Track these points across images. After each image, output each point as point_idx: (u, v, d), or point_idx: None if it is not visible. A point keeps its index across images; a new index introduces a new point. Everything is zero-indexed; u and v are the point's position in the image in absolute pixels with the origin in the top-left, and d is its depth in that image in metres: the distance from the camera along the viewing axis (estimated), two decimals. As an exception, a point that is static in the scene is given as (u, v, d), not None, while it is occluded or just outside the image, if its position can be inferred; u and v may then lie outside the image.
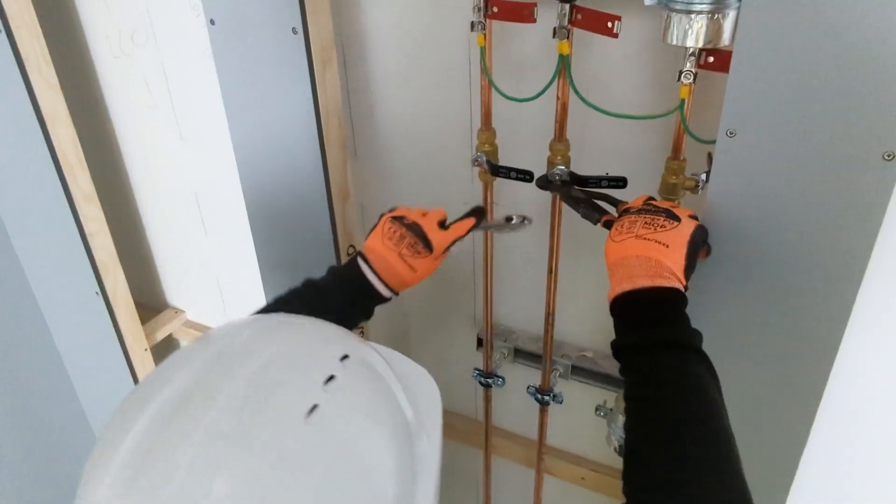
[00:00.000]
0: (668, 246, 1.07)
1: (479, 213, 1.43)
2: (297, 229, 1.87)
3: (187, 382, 0.75)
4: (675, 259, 1.07)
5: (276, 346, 0.81)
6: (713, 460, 0.90)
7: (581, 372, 1.89)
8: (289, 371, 0.78)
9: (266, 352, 0.79)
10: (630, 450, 0.96)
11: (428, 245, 1.34)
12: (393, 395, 0.85)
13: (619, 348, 1.07)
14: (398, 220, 1.36)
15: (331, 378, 0.78)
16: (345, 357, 0.82)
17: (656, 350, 1.01)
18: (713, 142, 1.19)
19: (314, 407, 0.74)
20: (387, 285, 1.33)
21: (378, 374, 0.86)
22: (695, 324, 1.05)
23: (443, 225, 1.39)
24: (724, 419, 0.95)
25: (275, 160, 1.78)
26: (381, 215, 1.40)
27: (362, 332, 2.03)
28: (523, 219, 1.46)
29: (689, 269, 1.08)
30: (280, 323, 0.89)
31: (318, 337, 0.87)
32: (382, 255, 1.33)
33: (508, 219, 1.47)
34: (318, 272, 1.33)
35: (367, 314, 1.36)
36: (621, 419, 1.60)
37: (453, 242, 1.38)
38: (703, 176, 1.26)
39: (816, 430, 1.35)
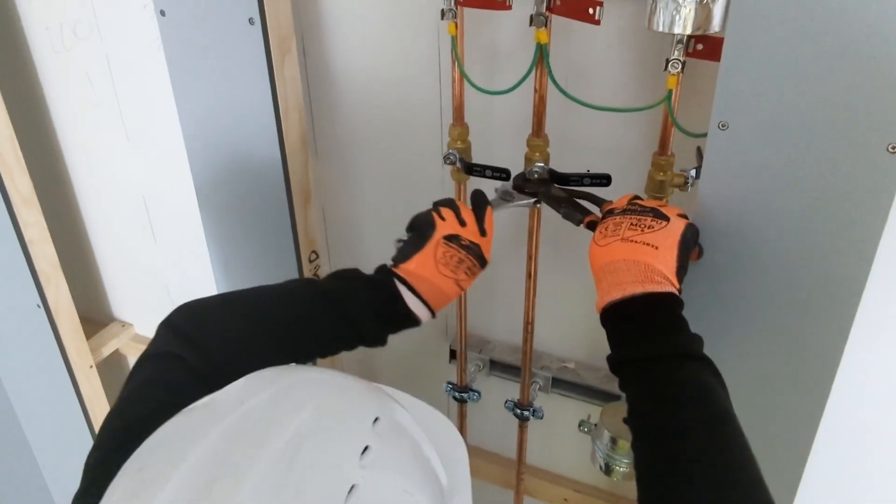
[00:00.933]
0: (657, 248, 1.07)
1: (485, 200, 1.35)
2: (255, 235, 1.85)
3: (205, 461, 0.69)
4: (665, 261, 1.06)
5: (303, 413, 0.74)
6: (740, 482, 0.89)
7: (563, 385, 1.88)
8: (322, 446, 0.72)
9: (293, 422, 0.73)
10: (645, 473, 0.95)
11: (484, 263, 1.28)
12: (427, 459, 0.81)
13: (616, 363, 1.06)
14: (453, 240, 1.24)
15: (366, 449, 0.73)
16: (376, 420, 0.77)
17: (660, 363, 1.00)
18: (703, 135, 1.18)
19: (352, 488, 0.69)
20: (430, 309, 1.23)
21: (410, 436, 0.81)
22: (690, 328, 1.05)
23: (482, 229, 1.30)
24: (739, 428, 0.95)
25: (230, 160, 1.76)
26: (425, 232, 1.25)
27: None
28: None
29: (682, 270, 1.08)
30: (301, 382, 0.82)
31: (347, 399, 0.81)
32: (436, 284, 1.22)
33: (505, 196, 1.44)
34: (278, 278, 1.29)
35: (385, 342, 1.24)
36: (607, 435, 1.60)
37: None
38: (693, 172, 1.25)
39: (820, 440, 1.34)
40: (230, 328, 1.13)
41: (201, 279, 2.15)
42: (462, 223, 1.27)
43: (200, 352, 1.06)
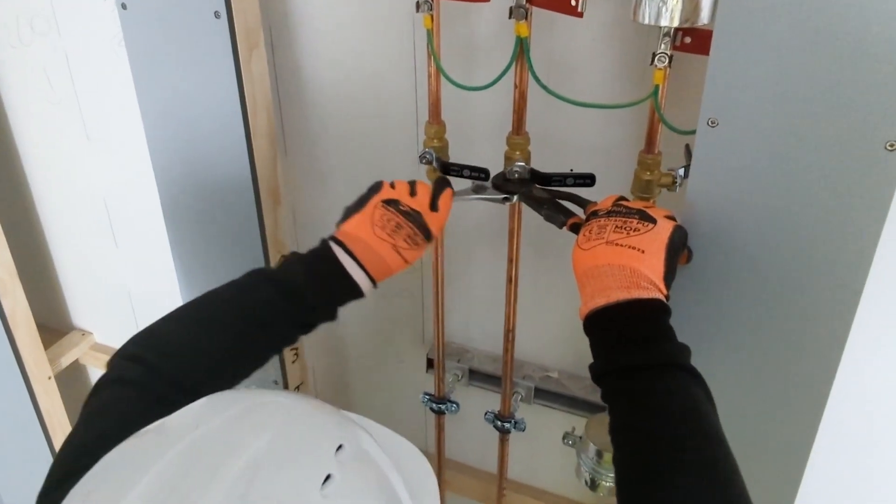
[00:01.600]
0: (643, 251, 1.06)
1: (447, 184, 1.36)
2: (221, 238, 1.84)
3: (155, 489, 0.67)
4: (652, 266, 1.05)
5: (260, 439, 0.72)
6: (727, 501, 0.89)
7: (545, 395, 1.88)
8: (280, 475, 0.71)
9: (249, 448, 0.71)
10: (626, 490, 0.95)
11: (428, 235, 1.29)
12: (393, 489, 0.80)
13: (599, 373, 1.05)
14: (392, 204, 1.28)
15: (327, 478, 0.71)
16: (339, 448, 0.75)
17: (644, 373, 0.99)
18: (692, 132, 1.18)
19: None
20: (370, 278, 1.24)
21: (376, 465, 0.79)
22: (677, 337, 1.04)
23: (433, 204, 1.32)
24: (726, 444, 0.94)
25: (196, 160, 1.75)
26: (368, 196, 1.30)
27: (297, 354, 2.01)
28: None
29: (670, 275, 1.07)
30: (260, 405, 0.80)
31: (309, 424, 0.79)
32: (372, 246, 1.23)
33: (478, 189, 1.44)
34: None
35: (335, 315, 1.25)
36: (592, 448, 1.59)
37: None
38: (681, 171, 1.25)
39: (817, 454, 1.34)
40: (175, 338, 1.13)
41: (165, 285, 2.13)
42: (413, 194, 1.31)
43: (149, 369, 1.06)
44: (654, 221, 1.09)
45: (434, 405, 1.96)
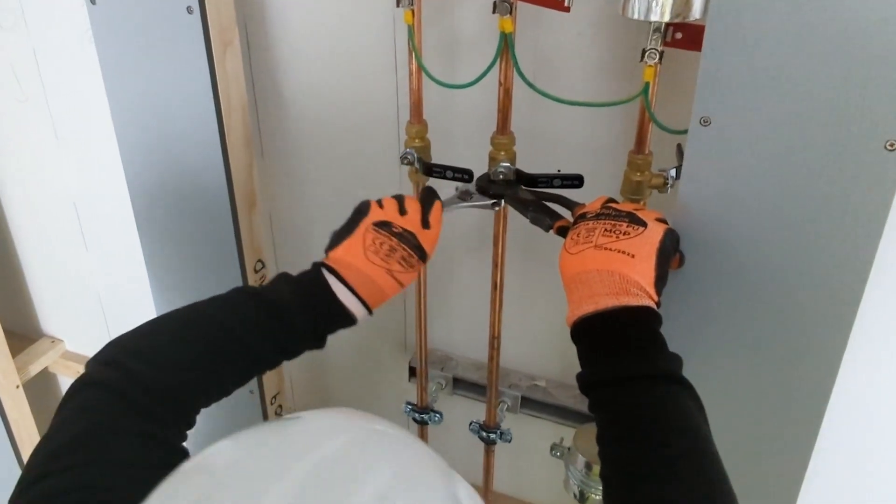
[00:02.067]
0: (633, 256, 1.05)
1: (435, 197, 1.34)
2: (195, 243, 1.83)
3: None
4: (642, 271, 1.04)
5: (384, 469, 0.70)
6: None
7: (532, 404, 1.88)
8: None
9: (375, 477, 0.68)
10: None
11: (423, 255, 1.26)
12: None
13: (587, 383, 1.04)
14: (384, 227, 1.24)
15: None
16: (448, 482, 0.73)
17: (634, 385, 0.98)
18: (684, 132, 1.16)
19: None
20: (366, 306, 1.21)
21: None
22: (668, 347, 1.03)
23: (424, 221, 1.29)
24: (718, 459, 0.93)
25: (168, 162, 1.74)
26: (356, 218, 1.26)
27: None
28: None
29: (661, 281, 1.06)
30: (377, 434, 0.78)
31: (422, 455, 0.77)
32: (365, 272, 1.20)
33: (464, 196, 1.43)
34: (220, 291, 1.26)
35: (323, 343, 1.22)
36: (581, 460, 1.58)
37: None
38: (673, 172, 1.24)
39: (815, 469, 1.33)
40: (153, 346, 1.10)
41: (137, 291, 2.12)
42: (403, 212, 1.27)
43: (125, 375, 1.03)
44: (644, 225, 1.08)
45: (416, 415, 1.96)
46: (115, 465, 0.91)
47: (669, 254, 1.09)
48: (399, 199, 1.30)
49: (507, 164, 1.42)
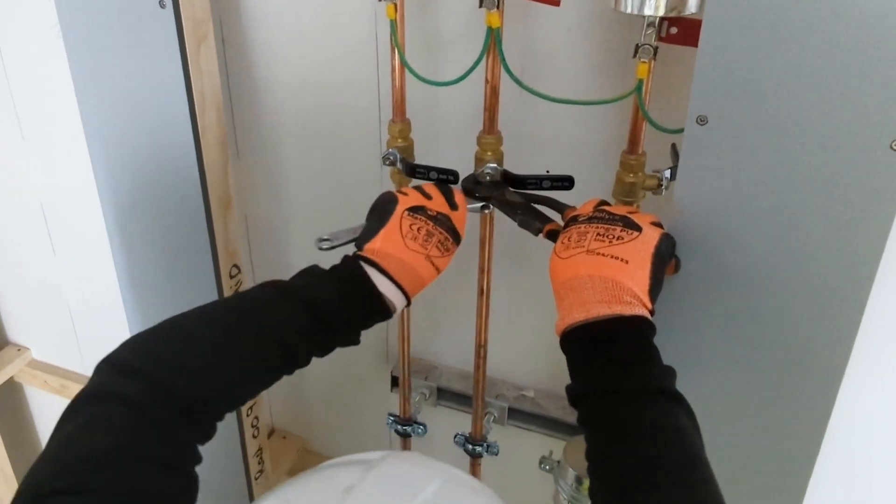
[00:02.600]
0: (627, 262, 1.04)
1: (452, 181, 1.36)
2: (167, 247, 1.82)
3: None
4: (637, 278, 1.03)
5: None
6: None
7: (520, 416, 1.88)
8: None
9: None
10: None
11: (458, 238, 1.27)
12: None
13: (576, 396, 1.03)
14: (419, 211, 1.25)
15: None
16: None
17: (625, 399, 0.97)
18: (680, 131, 1.16)
19: None
20: (406, 297, 1.21)
21: None
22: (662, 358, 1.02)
23: (452, 203, 1.31)
24: (713, 480, 0.92)
25: (139, 163, 1.73)
26: (387, 207, 1.25)
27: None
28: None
29: (656, 288, 1.05)
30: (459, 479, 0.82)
31: None
32: (406, 261, 1.19)
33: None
34: (195, 297, 1.23)
35: (359, 339, 1.20)
36: (571, 474, 1.57)
37: None
38: (667, 173, 1.23)
39: (817, 479, 1.32)
40: (182, 350, 1.03)
41: (107, 297, 2.11)
42: (428, 198, 1.28)
43: (148, 384, 0.96)
44: (639, 229, 1.07)
45: (399, 427, 1.95)
46: (135, 495, 0.87)
47: (665, 259, 1.08)
48: (419, 188, 1.31)
49: (494, 165, 1.42)
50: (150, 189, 1.75)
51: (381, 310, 1.19)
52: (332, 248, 1.26)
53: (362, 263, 1.18)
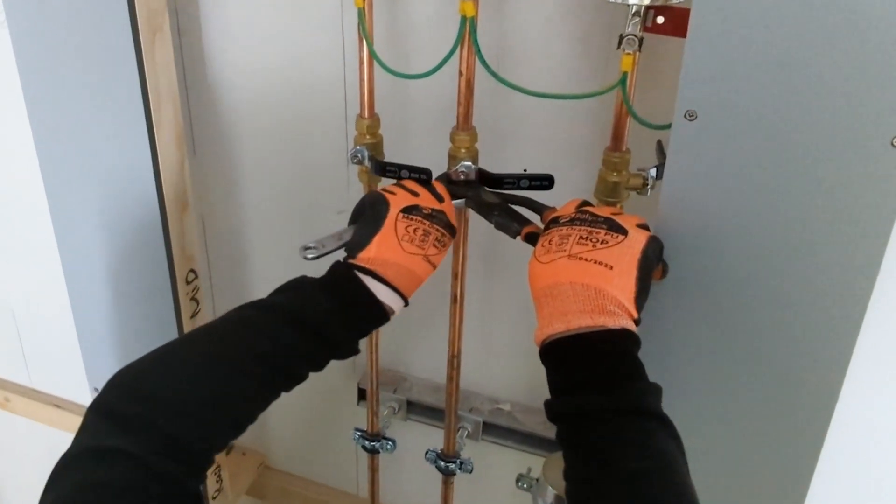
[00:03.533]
0: (612, 268, 1.03)
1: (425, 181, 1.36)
2: (120, 250, 1.80)
3: None
4: (622, 285, 1.02)
5: None
6: None
7: (496, 430, 1.88)
8: None
9: None
10: None
11: (453, 231, 1.28)
12: None
13: (555, 413, 1.02)
14: (414, 211, 1.24)
15: None
16: None
17: (607, 420, 0.97)
18: (666, 127, 1.16)
19: None
20: (404, 298, 1.21)
21: None
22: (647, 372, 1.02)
23: (437, 196, 1.32)
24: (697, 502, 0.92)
25: (90, 159, 1.72)
26: (379, 210, 1.23)
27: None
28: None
29: (642, 296, 1.04)
30: None
31: None
32: (404, 265, 1.19)
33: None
34: (149, 305, 1.22)
35: (358, 349, 1.20)
36: (551, 493, 1.57)
37: None
38: (653, 172, 1.24)
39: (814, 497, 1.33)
40: (178, 390, 1.01)
41: (54, 304, 2.09)
42: (414, 194, 1.28)
43: (147, 434, 0.94)
44: (624, 232, 1.07)
45: (367, 443, 1.94)
46: None
47: (652, 265, 1.08)
48: (401, 185, 1.31)
49: (469, 163, 1.41)
50: (102, 189, 1.74)
51: (378, 316, 1.18)
52: (320, 256, 1.24)
53: (361, 276, 1.17)
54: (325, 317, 1.12)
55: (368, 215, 1.23)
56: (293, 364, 1.11)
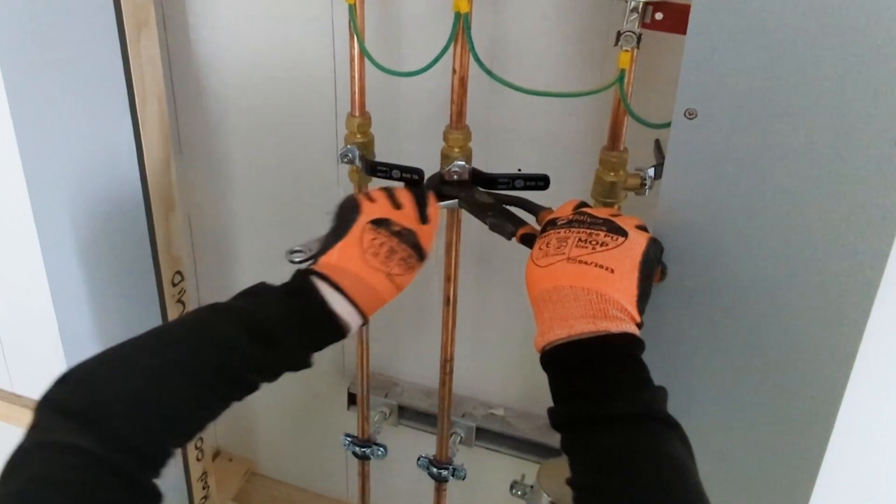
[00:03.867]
0: (613, 271, 1.02)
1: (425, 188, 1.35)
2: (104, 252, 1.80)
3: None
4: (623, 288, 1.02)
5: None
6: None
7: (490, 436, 1.87)
8: None
9: None
10: None
11: (422, 255, 1.25)
12: None
13: (560, 421, 1.02)
14: (383, 225, 1.23)
15: None
16: None
17: (614, 427, 0.96)
18: (665, 126, 1.15)
19: None
20: (362, 315, 1.19)
21: None
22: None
23: (423, 216, 1.29)
24: None
25: (74, 158, 1.71)
26: (349, 217, 1.24)
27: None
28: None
29: (644, 299, 1.04)
30: None
31: None
32: (364, 278, 1.18)
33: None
34: (134, 307, 1.21)
35: (310, 362, 1.19)
36: (546, 500, 1.56)
37: None
38: (651, 171, 1.24)
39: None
40: (129, 389, 1.01)
41: (36, 306, 2.09)
42: (397, 206, 1.26)
43: (100, 430, 0.95)
44: (624, 234, 1.06)
45: (357, 449, 1.94)
46: None
47: (653, 267, 1.07)
48: (389, 192, 1.29)
49: (462, 163, 1.41)
50: (86, 189, 1.73)
51: (333, 330, 1.17)
52: (306, 260, 1.24)
53: (315, 279, 1.16)
54: (277, 324, 1.11)
55: (339, 221, 1.24)
56: (243, 372, 1.09)
